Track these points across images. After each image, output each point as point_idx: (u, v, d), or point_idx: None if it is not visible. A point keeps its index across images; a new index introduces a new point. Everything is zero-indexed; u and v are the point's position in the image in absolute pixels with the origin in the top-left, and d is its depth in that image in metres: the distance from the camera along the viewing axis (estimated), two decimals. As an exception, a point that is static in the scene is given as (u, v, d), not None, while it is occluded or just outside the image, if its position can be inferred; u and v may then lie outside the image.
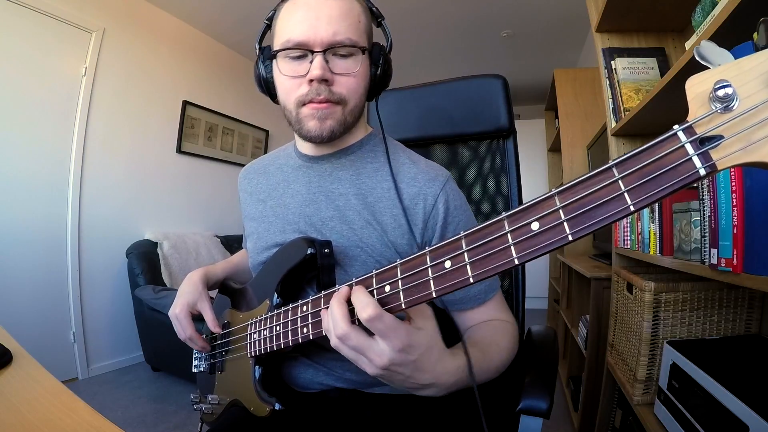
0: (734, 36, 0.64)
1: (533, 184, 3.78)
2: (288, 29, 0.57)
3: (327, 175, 0.67)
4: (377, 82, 0.64)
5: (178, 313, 0.69)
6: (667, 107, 1.01)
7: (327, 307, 0.44)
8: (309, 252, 0.58)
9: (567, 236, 0.30)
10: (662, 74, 1.20)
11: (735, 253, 0.62)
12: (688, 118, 0.27)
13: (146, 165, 2.62)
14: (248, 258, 0.75)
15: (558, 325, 2.45)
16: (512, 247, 0.32)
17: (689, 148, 0.26)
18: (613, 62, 1.26)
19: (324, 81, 0.57)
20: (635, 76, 1.24)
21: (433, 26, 2.98)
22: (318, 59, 0.56)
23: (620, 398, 1.23)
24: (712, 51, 0.29)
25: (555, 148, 3.08)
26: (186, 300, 0.69)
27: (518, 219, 0.32)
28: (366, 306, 0.39)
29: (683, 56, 0.79)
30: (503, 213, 0.33)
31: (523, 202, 0.33)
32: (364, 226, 0.63)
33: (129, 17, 2.50)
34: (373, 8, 0.65)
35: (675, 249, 0.90)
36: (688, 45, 0.85)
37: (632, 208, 0.28)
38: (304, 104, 0.59)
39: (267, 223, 0.71)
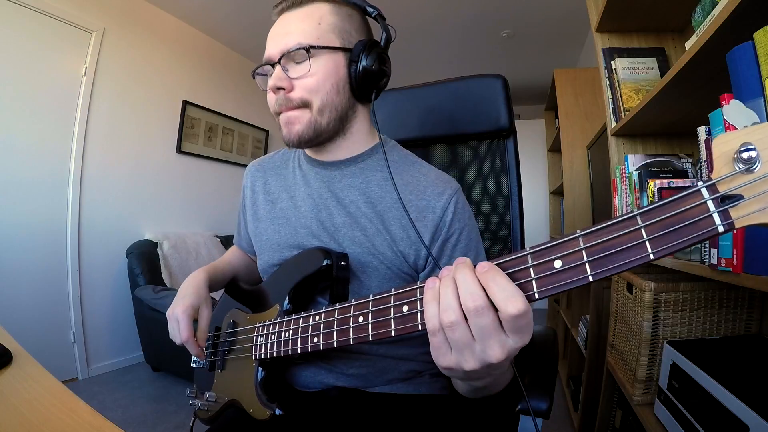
0: (734, 36, 0.63)
1: (533, 184, 3.79)
2: (266, 48, 0.63)
3: (337, 182, 0.67)
4: (361, 81, 0.61)
5: (179, 313, 0.65)
6: (667, 107, 1.01)
7: (416, 288, 0.39)
8: (325, 263, 0.58)
9: (588, 277, 0.31)
10: (662, 74, 1.20)
11: (735, 253, 0.62)
12: (712, 176, 0.28)
13: (146, 165, 2.62)
14: (257, 258, 0.75)
15: (558, 325, 2.45)
16: (533, 282, 0.33)
17: (711, 205, 0.28)
18: (613, 62, 1.26)
19: (281, 89, 0.60)
20: (635, 76, 1.24)
21: (433, 26, 2.98)
22: (275, 70, 0.60)
23: (620, 398, 1.22)
24: (739, 111, 0.31)
25: (555, 148, 3.07)
26: (190, 302, 0.67)
27: (542, 255, 0.33)
28: (514, 296, 0.32)
29: (683, 56, 0.79)
30: (527, 247, 0.34)
31: (523, 204, 0.34)
32: (375, 234, 0.63)
33: (129, 17, 2.50)
34: (366, 6, 0.64)
35: (675, 249, 0.90)
36: (688, 45, 0.85)
37: (652, 257, 0.29)
38: (277, 114, 0.63)
39: (277, 224, 0.71)
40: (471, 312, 0.33)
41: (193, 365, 0.74)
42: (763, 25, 0.57)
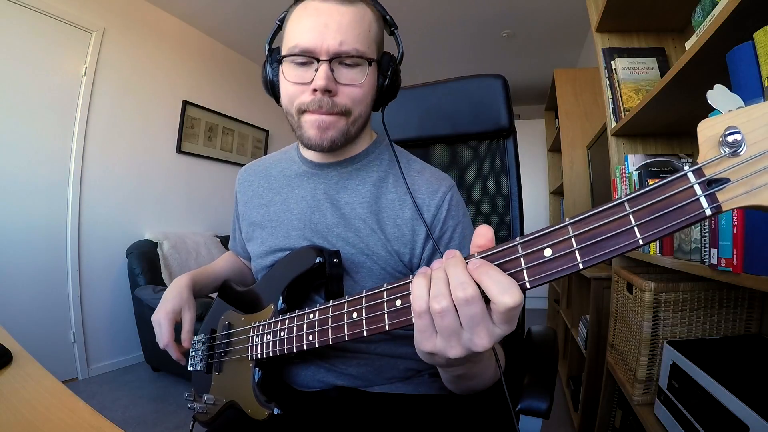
0: (734, 36, 0.64)
1: (533, 184, 3.78)
2: (296, 35, 0.57)
3: (333, 183, 0.67)
4: (384, 93, 0.63)
5: (161, 318, 0.67)
6: (666, 107, 1.01)
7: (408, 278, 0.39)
8: (318, 261, 0.58)
9: (578, 264, 0.31)
10: (662, 74, 1.20)
11: (735, 253, 0.62)
12: (698, 160, 0.28)
13: (146, 165, 2.62)
14: (251, 262, 0.75)
15: (558, 325, 2.45)
16: (524, 272, 0.34)
17: (697, 189, 0.28)
18: (613, 62, 1.26)
19: (327, 92, 0.56)
20: (635, 76, 1.24)
21: (433, 26, 2.98)
22: (323, 68, 0.55)
23: (620, 398, 1.22)
24: (723, 96, 0.31)
25: (555, 148, 3.08)
26: (171, 306, 0.68)
27: (532, 244, 0.34)
28: (510, 289, 0.32)
29: (683, 56, 0.79)
30: (517, 238, 0.34)
31: (524, 204, 0.34)
32: (369, 234, 0.63)
33: (129, 17, 2.50)
34: (387, 17, 0.64)
35: (675, 249, 0.90)
36: (688, 45, 0.85)
37: (641, 242, 0.29)
38: (305, 112, 0.58)
39: (270, 228, 0.71)
40: (461, 301, 0.33)
41: (190, 368, 0.74)
42: (763, 25, 0.57)
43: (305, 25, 0.56)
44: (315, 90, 0.56)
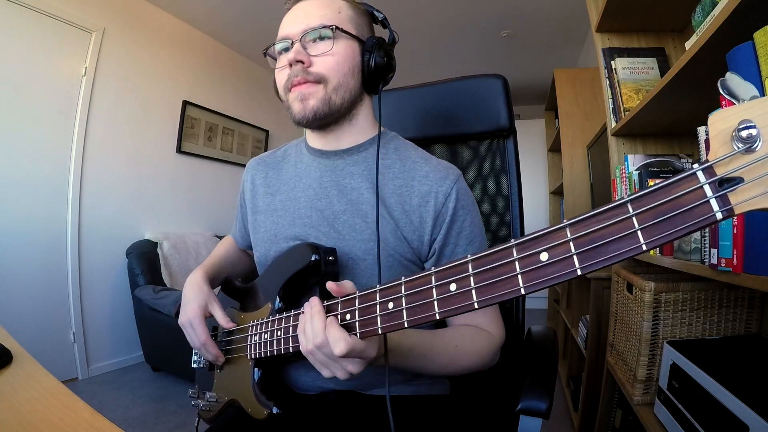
0: (734, 36, 0.63)
1: (533, 184, 3.78)
2: (280, 31, 0.65)
3: (339, 170, 0.68)
4: (373, 71, 0.65)
5: (192, 318, 0.66)
6: (666, 107, 1.01)
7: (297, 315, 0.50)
8: (313, 258, 0.58)
9: (576, 270, 0.29)
10: (662, 74, 1.20)
11: (735, 253, 0.62)
12: (708, 157, 0.26)
13: (146, 165, 2.62)
14: (254, 251, 0.75)
15: (558, 325, 2.45)
16: (519, 277, 0.32)
17: (708, 189, 0.25)
18: (613, 62, 1.26)
19: (300, 63, 0.60)
20: (635, 76, 1.24)
21: (433, 26, 2.98)
22: (295, 45, 0.61)
23: (620, 398, 1.22)
24: (737, 84, 0.29)
25: (555, 148, 3.07)
26: (198, 304, 0.67)
27: (527, 248, 0.31)
28: (339, 341, 0.43)
29: (683, 56, 0.79)
30: (512, 240, 0.33)
31: (524, 204, 0.34)
32: (378, 220, 0.63)
33: (129, 17, 2.50)
34: (374, 11, 0.68)
35: (675, 249, 0.90)
36: (688, 45, 0.85)
37: (644, 248, 0.27)
38: (289, 90, 0.63)
39: (276, 216, 0.71)
40: (318, 346, 0.45)
41: (194, 366, 0.75)
42: (763, 25, 0.57)
43: (285, 21, 0.65)
44: (290, 65, 0.61)
